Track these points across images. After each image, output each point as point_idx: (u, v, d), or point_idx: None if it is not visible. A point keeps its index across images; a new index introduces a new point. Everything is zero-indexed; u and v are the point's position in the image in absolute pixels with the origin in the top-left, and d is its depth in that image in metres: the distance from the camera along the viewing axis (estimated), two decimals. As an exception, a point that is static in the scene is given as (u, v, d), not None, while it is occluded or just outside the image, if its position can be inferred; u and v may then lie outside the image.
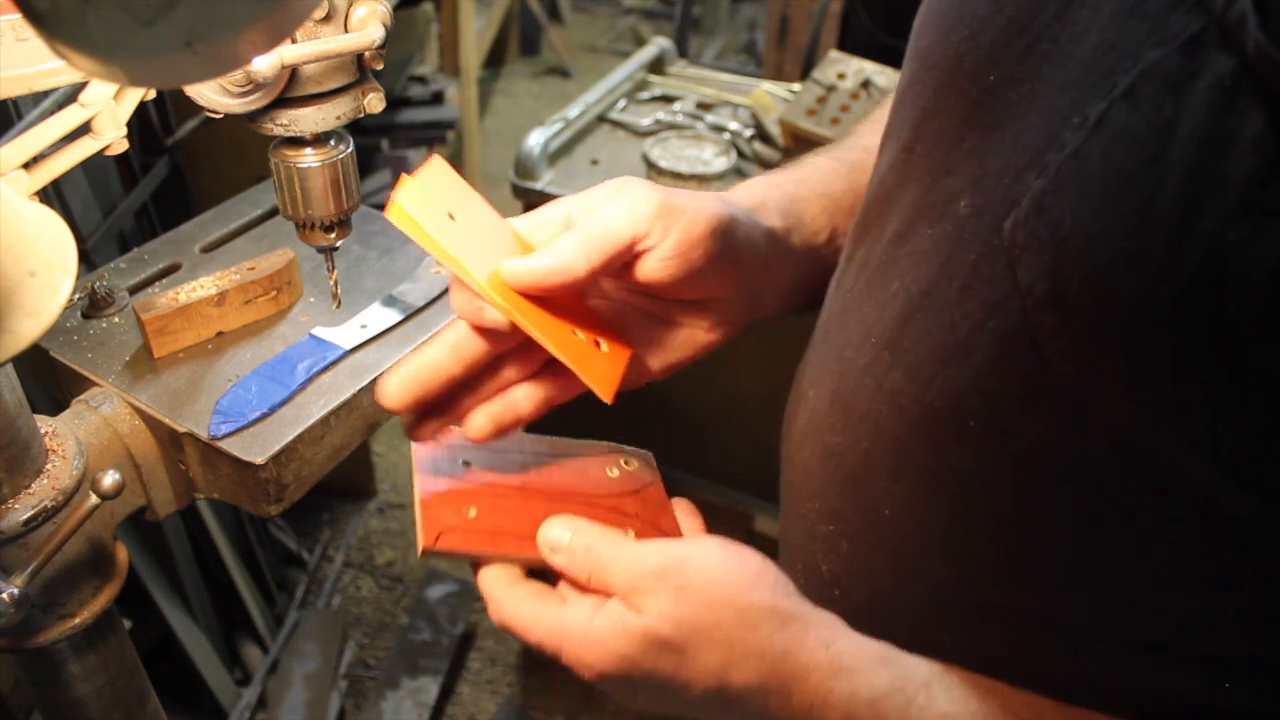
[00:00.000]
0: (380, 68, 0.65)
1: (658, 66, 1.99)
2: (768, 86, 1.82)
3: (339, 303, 0.80)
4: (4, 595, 0.56)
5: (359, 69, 0.64)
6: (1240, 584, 0.45)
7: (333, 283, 0.77)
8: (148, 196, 1.68)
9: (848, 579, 0.61)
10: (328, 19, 0.60)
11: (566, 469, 0.64)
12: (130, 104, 0.61)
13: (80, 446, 0.64)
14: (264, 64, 0.58)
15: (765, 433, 0.72)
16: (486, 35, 3.58)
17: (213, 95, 0.60)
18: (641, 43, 2.78)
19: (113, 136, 0.61)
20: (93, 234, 1.50)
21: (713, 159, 1.58)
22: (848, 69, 1.65)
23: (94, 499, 0.59)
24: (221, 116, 0.63)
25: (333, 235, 0.71)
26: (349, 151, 0.68)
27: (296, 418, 0.72)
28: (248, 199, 0.95)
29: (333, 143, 0.67)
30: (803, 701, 0.52)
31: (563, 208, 0.58)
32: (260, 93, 0.61)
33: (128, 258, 0.86)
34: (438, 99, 2.75)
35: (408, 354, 0.59)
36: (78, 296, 0.79)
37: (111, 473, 0.59)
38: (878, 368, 0.55)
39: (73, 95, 0.60)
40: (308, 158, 0.67)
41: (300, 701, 1.86)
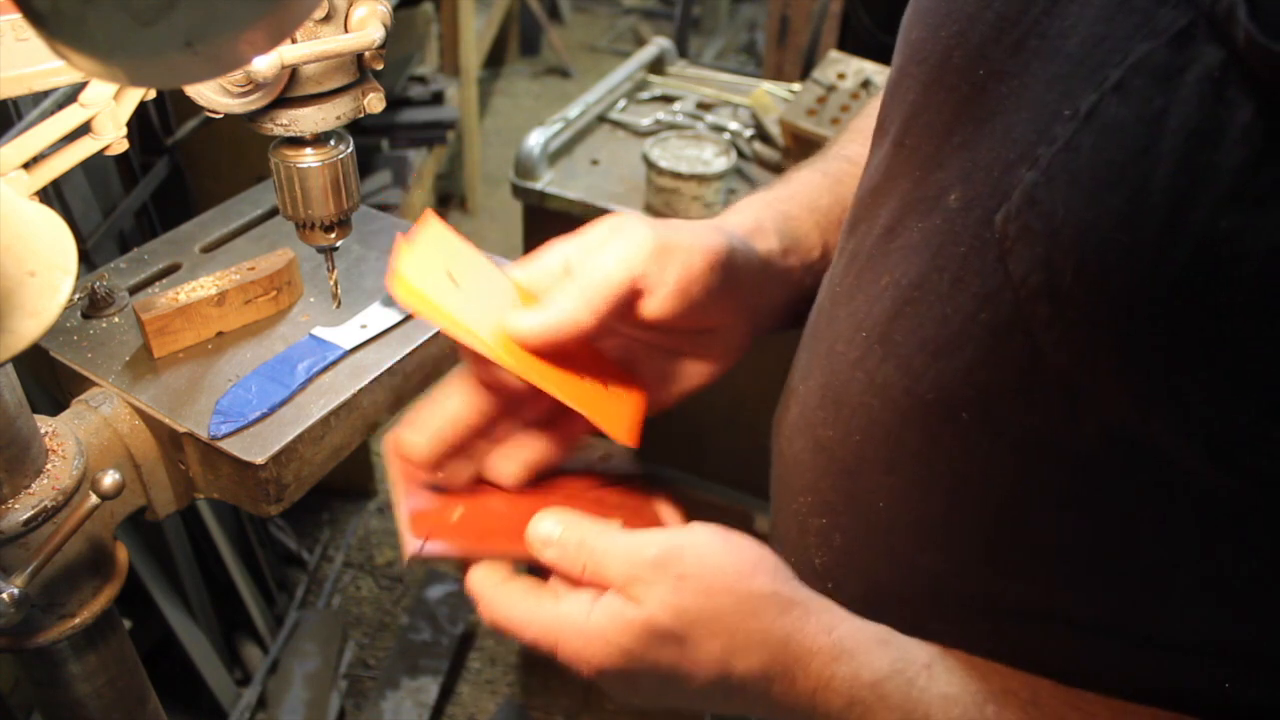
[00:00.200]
0: (380, 68, 0.65)
1: (658, 66, 1.99)
2: (768, 86, 1.82)
3: (339, 303, 0.80)
4: (4, 595, 0.56)
5: (359, 69, 0.64)
6: (1237, 572, 0.45)
7: (333, 283, 0.77)
8: (148, 196, 1.68)
9: (840, 572, 0.61)
10: (328, 19, 0.60)
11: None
12: (130, 104, 0.61)
13: (80, 446, 0.64)
14: (264, 64, 0.58)
15: (765, 432, 0.72)
16: (486, 35, 3.57)
17: (213, 95, 0.60)
18: (641, 43, 2.78)
19: (113, 136, 0.61)
20: (93, 234, 1.50)
21: (713, 159, 1.58)
22: (848, 69, 1.65)
23: (94, 499, 0.59)
24: (221, 116, 0.63)
25: (333, 235, 0.71)
26: (349, 151, 0.68)
27: (296, 418, 0.72)
28: (248, 199, 0.95)
29: (333, 143, 0.67)
30: (806, 686, 0.52)
31: (561, 253, 0.59)
32: (260, 93, 0.61)
33: (128, 258, 0.86)
34: (438, 99, 2.74)
35: (423, 404, 0.60)
36: (78, 296, 0.79)
37: (111, 473, 0.59)
38: (869, 361, 0.55)
39: (73, 95, 0.60)
40: (308, 158, 0.67)
41: (300, 701, 1.86)
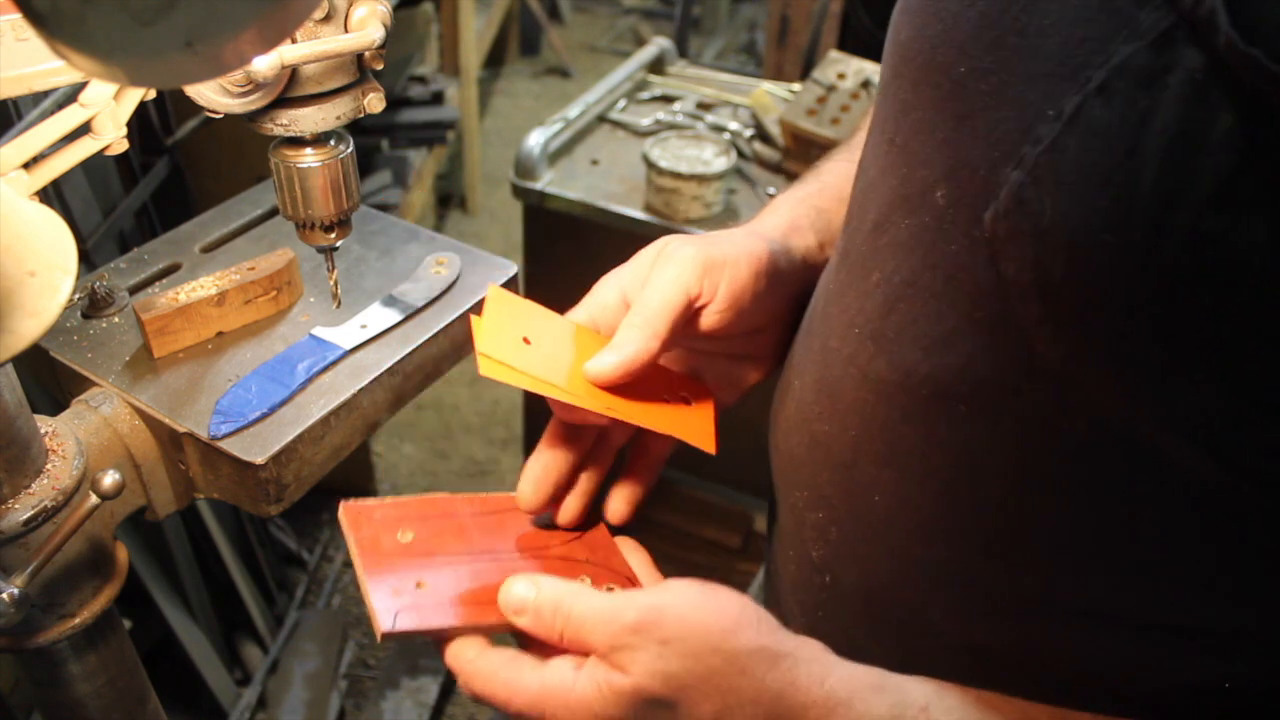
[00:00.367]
0: (380, 68, 0.65)
1: (658, 66, 1.99)
2: (768, 86, 1.82)
3: (339, 303, 0.80)
4: (4, 595, 0.56)
5: (359, 69, 0.64)
6: (1234, 561, 0.46)
7: (333, 283, 0.77)
8: (148, 196, 1.68)
9: (838, 564, 0.61)
10: (328, 19, 0.60)
11: (507, 524, 0.63)
12: (130, 104, 0.61)
13: (80, 446, 0.64)
14: (264, 64, 0.57)
15: (763, 432, 0.72)
16: (486, 35, 3.57)
17: (213, 95, 0.60)
18: (641, 43, 2.78)
19: (113, 136, 0.61)
20: (93, 234, 1.50)
21: (713, 159, 1.58)
22: (848, 69, 1.65)
23: (94, 499, 0.59)
24: (221, 116, 0.63)
25: (333, 235, 0.71)
26: (349, 151, 0.68)
27: (296, 418, 0.72)
28: (248, 199, 0.95)
29: (333, 143, 0.67)
30: None
31: (615, 286, 0.63)
32: (260, 93, 0.60)
33: (128, 258, 0.86)
34: (438, 99, 2.75)
35: (535, 457, 0.66)
36: (78, 296, 0.79)
37: (111, 473, 0.59)
38: (862, 357, 0.55)
39: (73, 95, 0.60)
40: (308, 158, 0.67)
41: (300, 701, 1.86)
